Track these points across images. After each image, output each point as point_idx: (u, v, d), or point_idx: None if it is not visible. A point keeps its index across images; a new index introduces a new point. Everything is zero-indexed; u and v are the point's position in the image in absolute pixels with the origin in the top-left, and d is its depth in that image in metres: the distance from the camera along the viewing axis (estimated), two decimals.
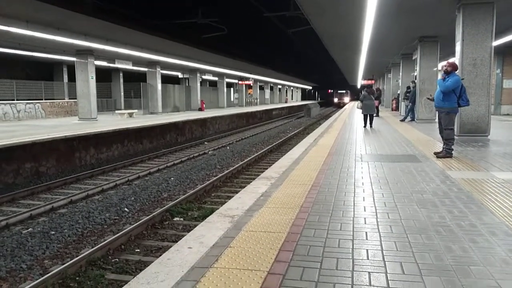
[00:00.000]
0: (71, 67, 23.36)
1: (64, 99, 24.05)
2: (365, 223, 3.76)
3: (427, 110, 15.67)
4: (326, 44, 19.54)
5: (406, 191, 4.99)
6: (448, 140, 7.47)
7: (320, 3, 10.49)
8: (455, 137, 8.20)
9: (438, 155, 7.53)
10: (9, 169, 10.51)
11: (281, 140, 19.04)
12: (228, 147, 17.37)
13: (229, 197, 7.08)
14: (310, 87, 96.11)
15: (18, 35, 13.19)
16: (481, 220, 3.78)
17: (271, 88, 59.24)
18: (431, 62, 15.47)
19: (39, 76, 24.01)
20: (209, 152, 15.88)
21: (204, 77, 35.88)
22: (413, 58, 17.63)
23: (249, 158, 13.55)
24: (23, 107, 20.14)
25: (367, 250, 3.12)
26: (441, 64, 10.75)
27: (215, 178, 10.52)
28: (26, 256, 5.84)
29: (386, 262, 2.88)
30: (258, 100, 49.19)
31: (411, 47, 17.09)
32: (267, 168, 7.19)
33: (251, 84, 43.19)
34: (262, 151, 15.30)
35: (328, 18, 12.57)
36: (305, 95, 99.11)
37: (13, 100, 19.85)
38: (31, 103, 20.78)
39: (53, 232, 6.78)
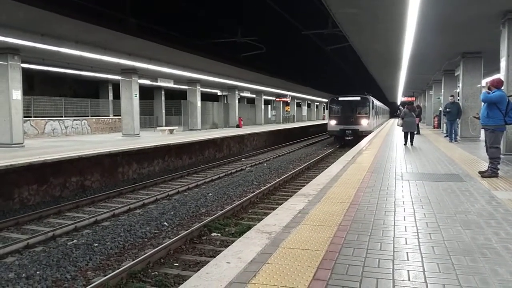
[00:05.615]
0: (116, 85, 24.45)
1: (109, 116, 25.09)
2: (406, 244, 3.67)
3: (471, 129, 15.11)
4: (365, 61, 19.40)
5: (449, 211, 4.83)
6: (493, 159, 7.18)
7: (359, 21, 10.48)
8: (501, 156, 7.86)
9: (483, 174, 7.24)
10: (56, 183, 11.03)
11: (318, 157, 18.90)
12: (265, 164, 17.43)
13: (266, 214, 7.11)
14: None
15: (68, 55, 13.88)
16: None
17: (309, 105, 59.13)
18: (475, 78, 14.94)
19: (86, 93, 25.22)
20: (247, 169, 15.99)
21: (242, 94, 36.38)
22: (456, 74, 17.13)
23: (286, 175, 13.54)
24: (71, 123, 21.19)
25: (408, 271, 3.05)
26: (485, 81, 10.40)
27: (252, 194, 10.58)
28: (71, 267, 6.08)
29: (428, 284, 2.80)
30: (295, 117, 49.17)
31: (453, 63, 16.62)
32: (304, 185, 7.16)
33: (289, 101, 43.30)
34: (299, 168, 15.25)
35: (366, 35, 12.52)
36: None
37: (61, 116, 20.92)
38: (78, 119, 21.84)
39: (96, 244, 7.04)
